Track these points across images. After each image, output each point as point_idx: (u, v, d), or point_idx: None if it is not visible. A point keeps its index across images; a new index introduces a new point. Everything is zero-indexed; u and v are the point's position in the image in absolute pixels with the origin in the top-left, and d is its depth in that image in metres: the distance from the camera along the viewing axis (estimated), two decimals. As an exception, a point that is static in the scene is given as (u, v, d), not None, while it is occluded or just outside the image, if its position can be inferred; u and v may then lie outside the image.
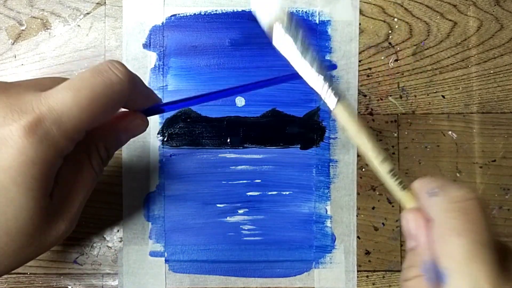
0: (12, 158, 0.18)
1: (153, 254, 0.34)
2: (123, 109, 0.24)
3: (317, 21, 0.34)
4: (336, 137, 0.34)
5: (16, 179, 0.18)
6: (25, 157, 0.18)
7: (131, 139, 0.25)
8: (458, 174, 0.34)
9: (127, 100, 0.22)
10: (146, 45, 0.34)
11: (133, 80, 0.21)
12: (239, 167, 0.34)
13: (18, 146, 0.18)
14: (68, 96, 0.19)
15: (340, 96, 0.21)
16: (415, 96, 0.34)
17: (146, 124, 0.25)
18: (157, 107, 0.25)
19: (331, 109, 0.22)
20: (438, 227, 0.19)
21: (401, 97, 0.34)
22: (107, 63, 0.21)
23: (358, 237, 0.34)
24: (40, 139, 0.18)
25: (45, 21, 0.34)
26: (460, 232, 0.17)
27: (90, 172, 0.23)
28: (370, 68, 0.34)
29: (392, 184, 0.21)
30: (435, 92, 0.34)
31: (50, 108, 0.19)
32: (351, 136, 0.22)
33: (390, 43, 0.34)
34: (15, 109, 0.19)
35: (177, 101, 0.25)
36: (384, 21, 0.34)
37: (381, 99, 0.34)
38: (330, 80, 0.21)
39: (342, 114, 0.21)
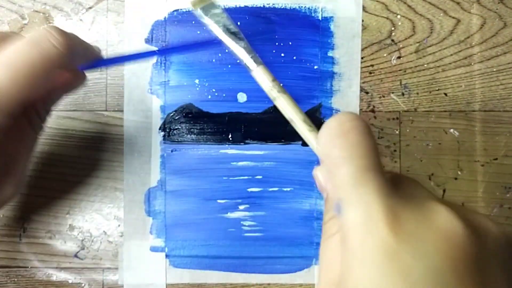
0: None
1: (154, 249, 0.34)
2: None
3: (320, 18, 0.34)
4: (338, 134, 0.34)
5: None
6: None
7: (134, 137, 0.25)
8: (459, 172, 0.34)
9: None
10: (148, 40, 0.34)
11: (71, 48, 0.21)
12: (240, 163, 0.34)
13: None
14: (4, 73, 0.18)
15: (259, 62, 0.25)
16: (417, 93, 0.34)
17: (84, 79, 0.24)
18: (95, 64, 0.24)
19: (251, 69, 0.25)
20: (325, 162, 0.18)
21: (403, 94, 0.34)
22: (45, 32, 0.20)
23: (358, 234, 0.34)
24: None
25: (47, 15, 0.34)
26: (343, 160, 0.17)
27: (31, 135, 0.23)
28: (372, 65, 0.34)
29: (308, 136, 0.21)
30: (438, 90, 0.34)
31: None
32: (268, 93, 0.24)
33: (392, 40, 0.34)
34: None
35: (114, 58, 0.25)
36: (387, 18, 0.34)
37: (383, 96, 0.34)
38: (250, 49, 0.26)
39: (261, 75, 0.25)
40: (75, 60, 0.23)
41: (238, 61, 0.34)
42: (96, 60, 0.24)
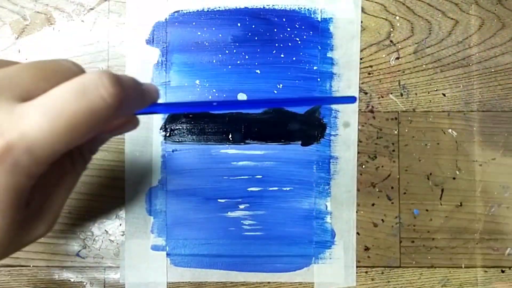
0: None
1: (155, 248, 0.34)
2: None
3: (319, 19, 0.34)
4: (337, 134, 0.34)
5: None
6: None
7: (135, 137, 0.24)
8: (457, 172, 0.35)
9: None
10: (149, 41, 0.34)
11: (124, 99, 0.18)
12: (241, 163, 0.34)
13: None
14: (44, 123, 0.17)
15: None
16: (416, 94, 0.35)
17: (137, 124, 0.23)
18: (150, 110, 0.22)
19: None
20: None
21: (402, 95, 0.35)
22: (96, 79, 0.18)
23: (357, 233, 0.34)
24: (9, 168, 0.17)
25: (49, 16, 0.34)
26: None
27: (73, 175, 0.22)
28: (371, 66, 0.34)
29: None
30: (436, 90, 0.35)
31: (22, 135, 0.17)
32: None
33: (391, 41, 0.35)
34: None
35: (172, 103, 0.23)
36: (386, 19, 0.35)
37: (382, 97, 0.35)
38: None
39: None
40: (128, 108, 0.20)
41: (238, 62, 0.34)
42: (152, 106, 0.22)
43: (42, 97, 0.17)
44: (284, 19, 0.34)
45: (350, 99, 0.22)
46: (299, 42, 0.34)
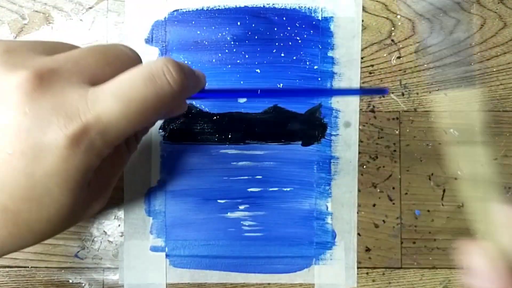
0: (57, 165, 0.18)
1: (154, 249, 0.34)
2: None
3: (320, 18, 0.34)
4: (338, 134, 0.34)
5: (59, 183, 0.18)
6: (69, 165, 0.18)
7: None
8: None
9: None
10: (148, 40, 0.34)
11: (185, 87, 0.20)
12: (240, 163, 0.34)
13: (62, 155, 0.18)
14: (117, 107, 0.18)
15: None
16: (417, 93, 0.34)
17: (186, 108, 0.24)
18: (198, 96, 0.24)
19: None
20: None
21: (403, 94, 0.34)
22: (162, 65, 0.19)
23: (358, 234, 0.34)
24: (84, 150, 0.18)
25: (47, 15, 0.34)
26: None
27: (126, 157, 0.24)
28: (372, 65, 0.34)
29: None
30: (437, 90, 0.34)
31: (97, 118, 0.18)
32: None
33: (392, 40, 0.34)
34: (61, 114, 0.18)
35: (216, 89, 0.24)
36: (387, 18, 0.34)
37: (383, 96, 0.34)
38: None
39: None
40: (187, 94, 0.22)
41: (238, 61, 0.34)
42: (201, 93, 0.24)
43: (113, 82, 0.19)
44: (284, 18, 0.34)
45: (382, 91, 0.22)
46: (300, 41, 0.34)
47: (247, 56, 0.34)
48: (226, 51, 0.34)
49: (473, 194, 0.21)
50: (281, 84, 0.34)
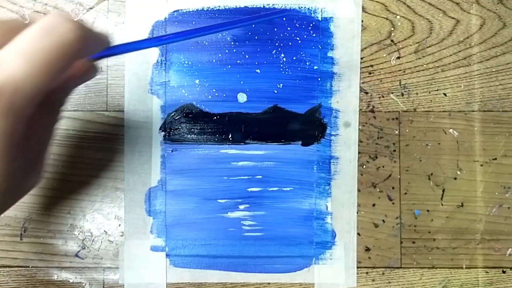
0: None
1: (154, 248, 0.34)
2: None
3: (320, 18, 0.34)
4: (337, 134, 0.34)
5: None
6: None
7: (134, 137, 0.25)
8: (458, 172, 0.34)
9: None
10: (149, 41, 0.34)
11: (84, 35, 0.20)
12: (240, 163, 0.34)
13: None
14: (22, 63, 0.18)
15: None
16: (417, 93, 0.34)
17: (97, 70, 0.25)
18: (106, 53, 0.24)
19: None
20: None
21: (402, 94, 0.34)
22: (56, 17, 0.19)
23: (358, 233, 0.34)
24: (4, 112, 0.18)
25: (48, 15, 0.34)
26: None
27: (53, 120, 0.24)
28: (372, 66, 0.34)
29: None
30: (437, 90, 0.34)
31: (6, 79, 0.18)
32: None
33: (392, 41, 0.34)
34: None
35: (127, 43, 0.24)
36: (387, 19, 0.34)
37: (383, 96, 0.34)
38: None
39: None
40: (88, 49, 0.22)
41: (238, 61, 0.34)
42: (107, 49, 0.24)
43: (14, 42, 0.19)
44: (284, 19, 0.34)
45: (288, 10, 0.22)
46: (300, 41, 0.34)
47: (247, 56, 0.34)
48: (226, 51, 0.34)
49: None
50: (281, 84, 0.34)
